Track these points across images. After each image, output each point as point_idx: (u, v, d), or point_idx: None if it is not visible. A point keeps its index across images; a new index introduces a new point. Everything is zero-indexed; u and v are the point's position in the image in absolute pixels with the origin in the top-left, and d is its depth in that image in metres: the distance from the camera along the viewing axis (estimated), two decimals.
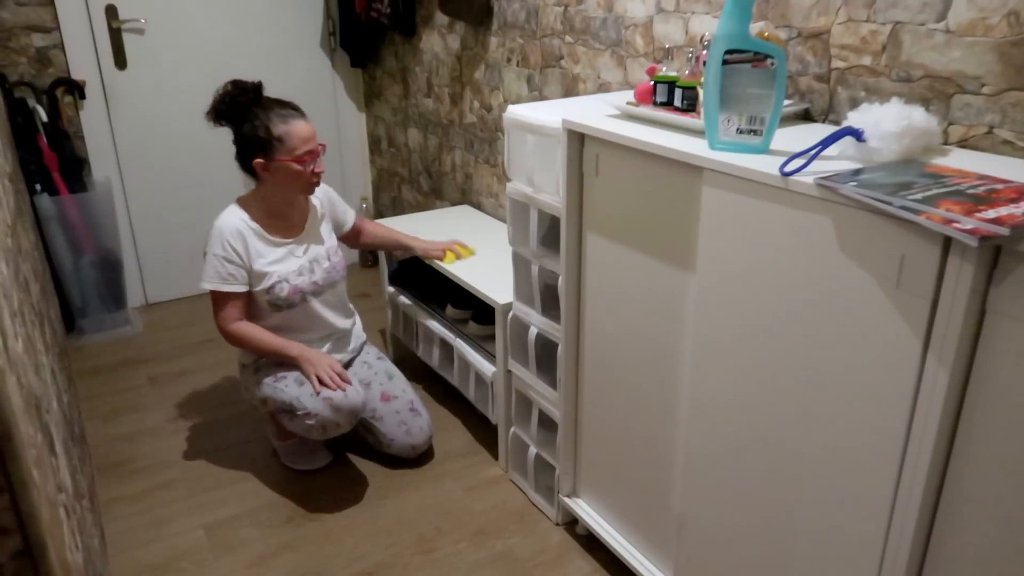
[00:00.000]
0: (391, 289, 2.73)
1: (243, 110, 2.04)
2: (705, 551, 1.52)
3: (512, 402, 2.14)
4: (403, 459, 2.31)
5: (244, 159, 2.07)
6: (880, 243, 1.06)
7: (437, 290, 2.59)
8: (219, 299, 2.08)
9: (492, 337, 2.24)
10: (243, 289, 2.08)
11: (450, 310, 2.47)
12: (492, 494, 2.18)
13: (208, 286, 2.07)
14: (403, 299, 2.65)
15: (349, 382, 2.06)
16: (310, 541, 2.02)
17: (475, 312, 2.39)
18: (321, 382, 2.03)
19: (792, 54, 1.58)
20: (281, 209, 2.14)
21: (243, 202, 2.12)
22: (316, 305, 2.18)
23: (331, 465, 2.31)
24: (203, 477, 2.27)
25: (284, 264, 2.13)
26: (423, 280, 2.67)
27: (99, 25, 3.04)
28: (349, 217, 2.41)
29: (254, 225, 2.09)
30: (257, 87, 2.08)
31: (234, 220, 2.08)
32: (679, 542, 1.59)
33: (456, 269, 2.31)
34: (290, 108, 2.06)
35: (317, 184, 2.13)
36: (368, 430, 2.31)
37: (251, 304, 2.13)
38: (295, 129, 2.02)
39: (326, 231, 2.27)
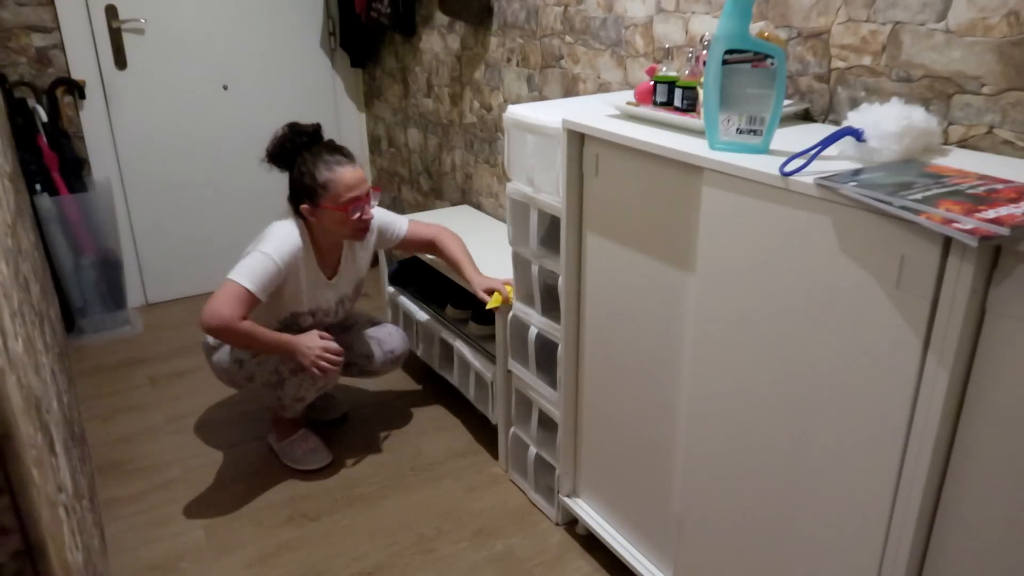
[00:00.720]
0: (391, 289, 2.73)
1: (294, 154, 2.04)
2: (705, 551, 1.52)
3: (512, 402, 2.14)
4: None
5: (294, 204, 2.08)
6: (880, 243, 1.06)
7: (437, 290, 2.59)
8: (241, 299, 1.94)
9: (492, 337, 2.24)
10: (264, 300, 2.02)
11: (450, 310, 2.47)
12: (492, 494, 2.18)
13: (244, 283, 1.94)
14: (403, 299, 2.65)
15: (340, 354, 2.07)
16: (310, 541, 2.02)
17: (475, 312, 2.39)
18: (321, 369, 2.05)
19: (792, 54, 1.58)
20: (327, 252, 2.15)
21: (303, 229, 2.08)
22: (321, 322, 2.25)
23: (331, 465, 2.31)
24: (203, 477, 2.27)
25: (319, 300, 2.16)
26: (423, 280, 2.67)
27: (99, 25, 3.04)
28: (399, 230, 2.33)
29: (310, 252, 2.10)
30: (314, 131, 2.07)
31: (300, 238, 2.05)
32: (679, 542, 1.59)
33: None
34: (339, 154, 2.04)
35: (365, 230, 2.10)
36: (346, 366, 2.32)
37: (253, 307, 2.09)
38: (340, 176, 2.00)
39: (364, 263, 2.28)
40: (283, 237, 2.03)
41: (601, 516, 1.88)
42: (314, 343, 2.04)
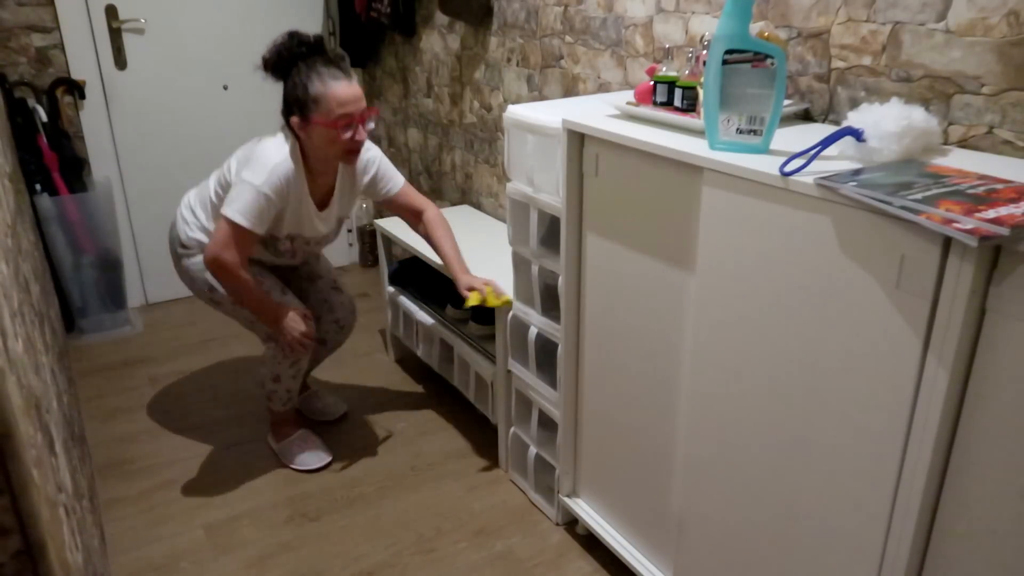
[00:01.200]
0: (391, 289, 2.73)
1: (291, 64, 1.93)
2: (705, 551, 1.52)
3: (512, 402, 2.14)
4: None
5: (285, 116, 1.97)
6: (880, 243, 1.06)
7: (437, 290, 2.59)
8: (242, 237, 1.91)
9: (492, 337, 2.24)
10: (263, 232, 1.97)
11: (450, 310, 2.47)
12: (492, 494, 2.18)
13: (240, 220, 1.89)
14: (403, 299, 2.65)
15: (312, 337, 2.10)
16: (310, 541, 2.02)
17: (475, 312, 2.39)
18: (295, 348, 2.08)
19: (792, 54, 1.58)
20: (319, 173, 2.03)
21: (295, 150, 1.97)
22: (300, 253, 2.20)
23: (331, 465, 2.31)
24: (203, 477, 2.27)
25: (304, 227, 2.08)
26: (423, 280, 2.67)
27: (99, 25, 3.03)
28: (394, 185, 2.21)
29: (303, 177, 1.99)
30: (315, 42, 1.94)
31: (291, 170, 1.94)
32: (679, 542, 1.59)
33: None
34: (336, 68, 1.91)
35: (355, 153, 1.98)
36: None
37: None
38: (334, 91, 1.87)
39: (349, 203, 2.20)
40: (274, 166, 1.91)
41: (601, 516, 1.88)
42: (298, 325, 2.04)
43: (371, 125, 1.98)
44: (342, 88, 1.89)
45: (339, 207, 2.16)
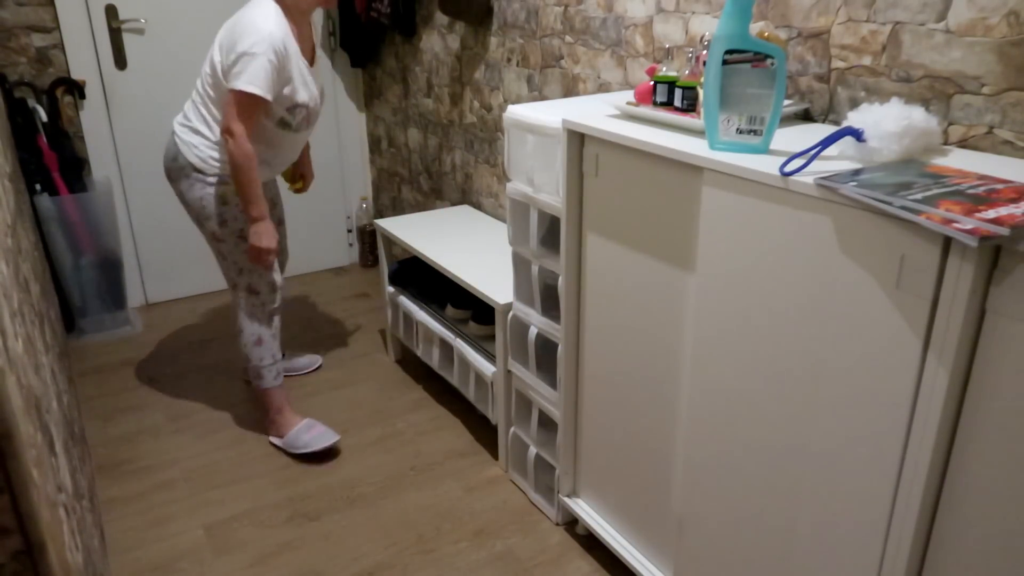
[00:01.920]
0: (391, 289, 2.73)
1: None
2: (705, 551, 1.52)
3: (512, 402, 2.14)
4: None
5: None
6: (880, 243, 1.06)
7: (437, 290, 2.59)
8: (252, 106, 2.00)
9: (492, 337, 2.24)
10: (273, 98, 2.03)
11: (450, 310, 2.47)
12: (492, 494, 2.18)
13: (253, 89, 1.96)
14: (403, 299, 2.65)
15: (275, 255, 2.20)
16: (310, 541, 2.02)
17: (475, 312, 2.39)
18: (258, 259, 2.15)
19: (792, 54, 1.58)
20: (301, 27, 2.10)
21: (278, 10, 2.03)
22: (301, 136, 2.24)
23: (331, 465, 2.31)
24: (203, 477, 2.27)
25: (307, 90, 2.13)
26: (423, 280, 2.67)
27: (99, 25, 3.04)
28: None
29: (291, 34, 2.04)
30: None
31: (283, 29, 2.00)
32: (679, 542, 1.59)
33: (456, 269, 2.30)
34: None
35: (335, 1, 2.12)
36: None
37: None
38: None
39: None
40: (267, 31, 1.97)
41: (601, 516, 1.88)
42: (273, 240, 2.14)
43: None
44: None
45: (316, 66, 2.23)
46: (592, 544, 1.97)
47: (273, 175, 2.33)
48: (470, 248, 2.49)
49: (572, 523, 2.05)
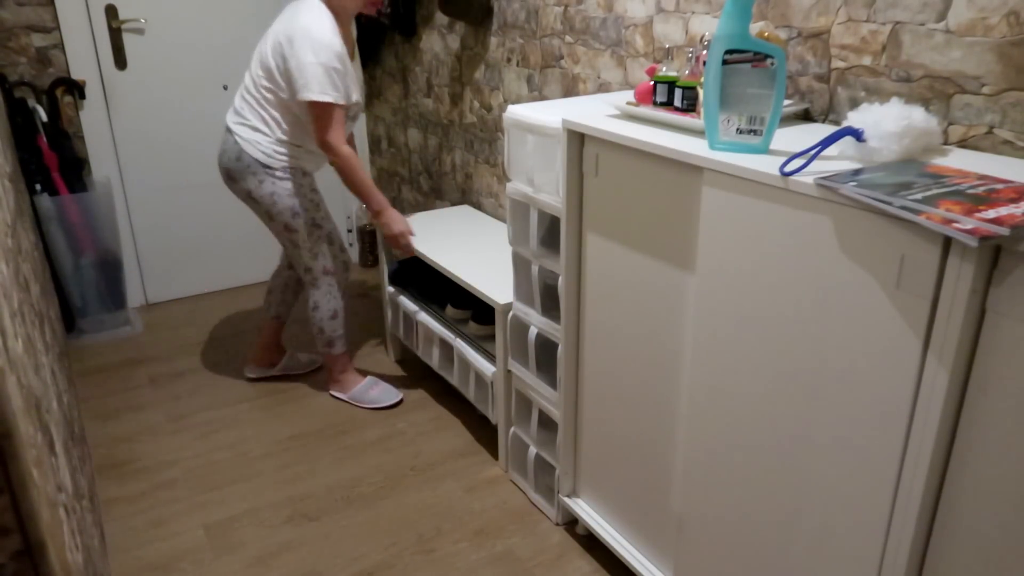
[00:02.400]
0: (391, 289, 2.73)
1: None
2: (705, 551, 1.52)
3: (512, 402, 2.14)
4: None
5: None
6: (880, 243, 1.06)
7: (437, 290, 2.59)
8: (335, 115, 2.11)
9: (492, 337, 2.24)
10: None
11: (450, 310, 2.47)
12: (492, 494, 2.18)
13: (327, 99, 2.07)
14: (403, 299, 2.65)
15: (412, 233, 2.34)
16: (310, 541, 2.02)
17: (475, 312, 2.39)
18: (396, 245, 2.26)
19: (792, 54, 1.58)
20: (346, 27, 2.18)
21: (328, 14, 2.12)
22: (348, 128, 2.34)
23: (331, 465, 2.31)
24: (203, 477, 2.27)
25: (357, 87, 2.23)
26: (423, 280, 2.67)
27: (99, 25, 3.04)
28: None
29: (340, 39, 2.13)
30: None
31: (336, 33, 2.09)
32: (679, 542, 1.59)
33: (456, 269, 2.31)
34: None
35: (380, 3, 2.19)
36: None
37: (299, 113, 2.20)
38: None
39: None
40: (327, 38, 2.06)
41: (601, 516, 1.88)
42: (403, 223, 2.26)
43: None
44: None
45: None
46: (592, 544, 1.97)
47: (320, 166, 2.41)
48: (470, 248, 2.49)
49: (572, 523, 2.05)
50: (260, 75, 2.20)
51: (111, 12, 3.04)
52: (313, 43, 2.05)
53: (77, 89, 3.04)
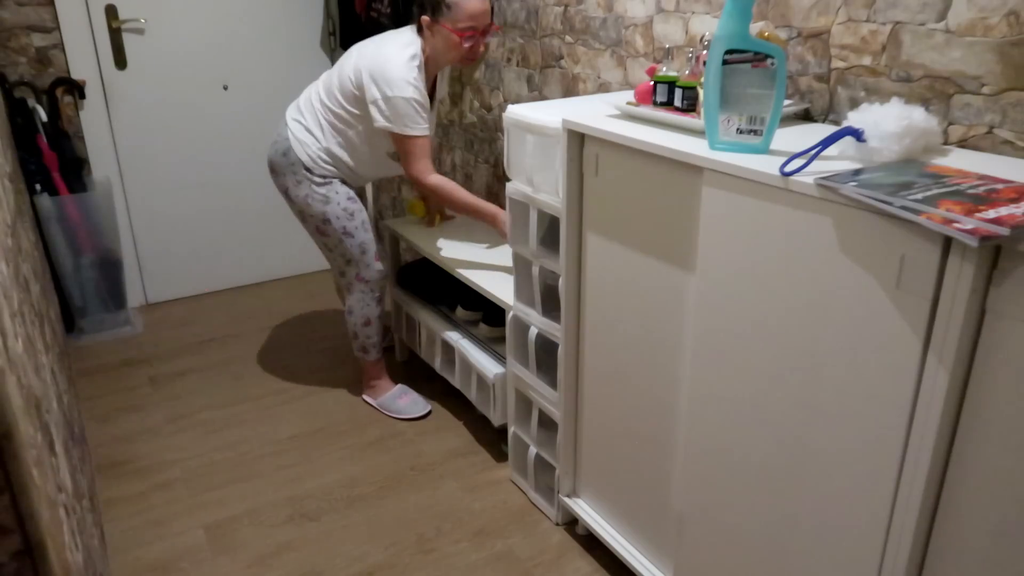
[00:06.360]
0: (396, 289, 2.73)
1: None
2: (705, 551, 1.52)
3: (512, 402, 2.14)
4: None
5: (417, 12, 2.17)
6: (880, 243, 1.06)
7: (445, 291, 2.58)
8: (421, 147, 2.16)
9: (503, 339, 2.23)
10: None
11: (460, 311, 2.46)
12: (492, 494, 2.18)
13: (413, 132, 2.13)
14: (407, 299, 2.65)
15: None
16: (310, 541, 2.02)
17: (486, 314, 2.38)
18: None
19: (792, 54, 1.58)
20: (430, 69, 2.22)
21: (419, 53, 2.16)
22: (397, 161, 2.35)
23: (331, 465, 2.31)
24: (203, 477, 2.27)
25: (430, 126, 2.25)
26: (429, 281, 2.66)
27: (99, 25, 3.03)
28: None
29: (422, 74, 2.16)
30: None
31: (417, 63, 2.13)
32: (679, 542, 1.59)
33: (468, 271, 2.29)
34: None
35: (472, 61, 2.22)
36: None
37: (372, 137, 2.24)
38: (467, 3, 2.08)
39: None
40: (409, 74, 2.10)
41: (601, 516, 1.88)
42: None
43: (490, 38, 2.22)
44: (476, 3, 2.10)
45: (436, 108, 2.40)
46: (592, 544, 1.97)
47: (361, 184, 2.47)
48: (475, 250, 2.49)
49: (572, 523, 2.05)
50: (336, 88, 2.24)
51: (111, 12, 3.04)
52: (395, 78, 2.10)
53: (77, 89, 3.04)
